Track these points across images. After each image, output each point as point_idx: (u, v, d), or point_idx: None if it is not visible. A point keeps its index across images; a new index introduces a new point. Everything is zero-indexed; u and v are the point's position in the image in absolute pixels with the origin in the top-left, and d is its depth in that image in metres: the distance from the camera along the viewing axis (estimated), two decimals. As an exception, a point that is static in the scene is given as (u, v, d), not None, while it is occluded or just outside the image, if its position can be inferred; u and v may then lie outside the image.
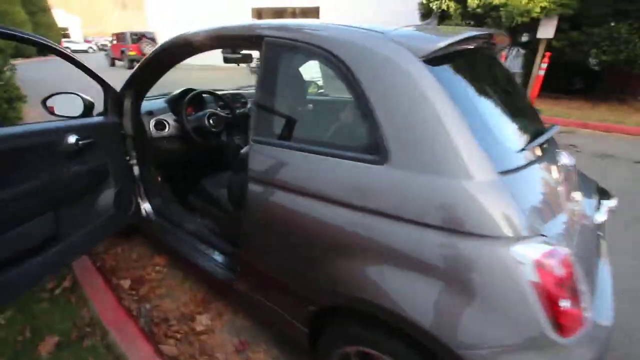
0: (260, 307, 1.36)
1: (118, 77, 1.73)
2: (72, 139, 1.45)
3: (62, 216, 1.43)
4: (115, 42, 15.27)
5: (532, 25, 6.36)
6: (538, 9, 5.91)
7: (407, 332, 0.90)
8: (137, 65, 1.70)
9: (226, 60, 2.00)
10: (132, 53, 14.18)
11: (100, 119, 1.68)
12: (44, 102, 1.61)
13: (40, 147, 1.34)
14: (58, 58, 1.56)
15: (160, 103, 2.11)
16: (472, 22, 7.15)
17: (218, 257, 1.66)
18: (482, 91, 1.08)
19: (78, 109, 1.66)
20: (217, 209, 1.76)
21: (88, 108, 1.67)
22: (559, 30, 6.31)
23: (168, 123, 2.02)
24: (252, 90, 2.74)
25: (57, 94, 1.64)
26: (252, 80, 1.69)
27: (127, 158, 1.85)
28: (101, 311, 1.59)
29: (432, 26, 1.30)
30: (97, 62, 16.19)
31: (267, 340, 1.58)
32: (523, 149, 0.99)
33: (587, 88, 7.57)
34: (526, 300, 0.79)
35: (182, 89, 2.17)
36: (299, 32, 1.09)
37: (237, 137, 2.19)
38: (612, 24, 6.40)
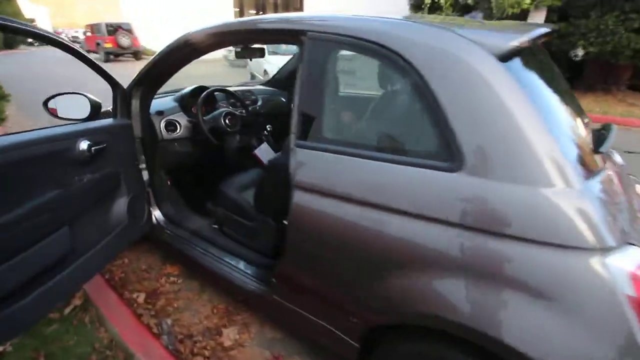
0: (300, 320, 1.28)
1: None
2: (83, 145, 1.31)
3: (75, 233, 1.29)
4: (89, 34, 14.51)
5: (522, 16, 6.41)
6: (528, 0, 5.94)
7: (490, 349, 0.85)
8: (149, 61, 1.56)
9: (238, 54, 1.87)
10: (109, 45, 13.53)
11: (110, 121, 1.53)
12: (45, 104, 1.45)
13: (51, 156, 1.20)
14: (26, 51, 1.41)
15: (168, 102, 1.96)
16: (462, 14, 7.15)
17: (245, 267, 1.56)
18: (548, 90, 1.02)
19: (84, 110, 1.51)
20: (241, 217, 1.66)
21: (95, 109, 1.51)
22: (547, 21, 6.39)
23: (179, 124, 1.88)
24: (259, 87, 2.61)
25: (60, 94, 1.48)
26: (235, 74, 1.56)
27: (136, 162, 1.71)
28: (121, 331, 1.46)
29: (479, 19, 1.23)
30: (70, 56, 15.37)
31: (300, 352, 1.51)
32: (597, 152, 0.95)
33: (571, 78, 7.74)
34: (622, 314, 0.75)
35: (193, 86, 2.02)
36: (351, 27, 1.00)
37: (252, 137, 2.07)
38: (593, 15, 6.55)
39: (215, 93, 2.03)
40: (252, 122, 2.05)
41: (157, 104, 1.81)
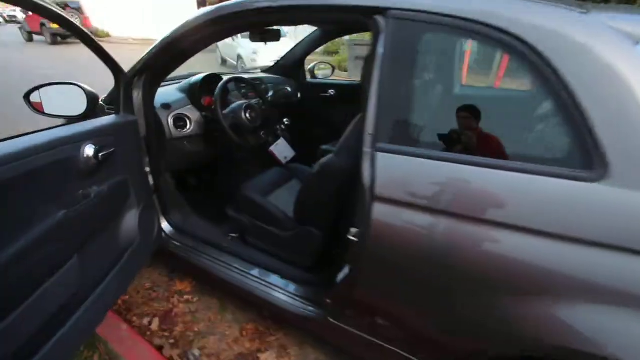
0: (366, 347, 1.12)
1: (44, 55, 1.25)
2: (89, 150, 1.03)
3: (85, 263, 1.02)
4: (31, 13, 12.89)
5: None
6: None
7: None
8: (157, 43, 1.27)
9: (253, 38, 1.62)
10: (55, 26, 12.02)
11: (113, 117, 1.24)
12: (27, 97, 1.14)
13: (51, 169, 0.92)
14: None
15: (174, 93, 1.66)
16: None
17: (283, 284, 1.36)
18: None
19: (78, 105, 1.21)
20: (272, 226, 1.44)
21: (93, 103, 1.22)
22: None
23: (189, 119, 1.60)
24: (262, 74, 2.34)
25: (46, 85, 1.17)
26: (203, 59, 1.35)
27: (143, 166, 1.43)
28: (143, 371, 1.22)
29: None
30: (9, 37, 13.71)
31: (349, 374, 1.36)
32: None
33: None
34: None
35: (203, 74, 1.72)
36: (453, 6, 0.81)
37: (269, 133, 1.82)
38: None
39: (229, 83, 1.74)
40: (269, 115, 1.81)
41: (161, 95, 1.52)
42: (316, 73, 2.51)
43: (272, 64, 2.49)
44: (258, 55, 7.33)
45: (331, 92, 2.32)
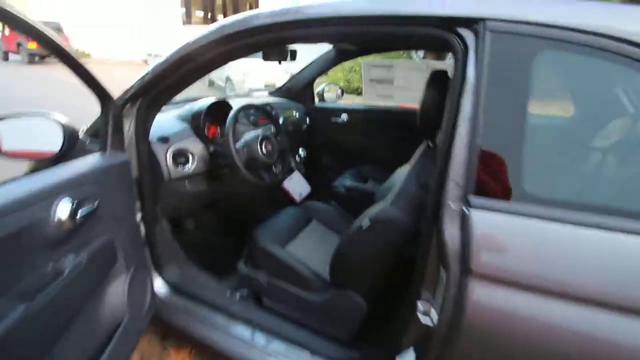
0: None
1: (21, 76, 0.97)
2: (64, 208, 0.74)
3: None
4: (7, 32, 12.46)
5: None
6: None
7: None
8: (161, 61, 1.00)
9: (266, 56, 1.38)
10: (33, 46, 11.69)
11: (98, 158, 0.94)
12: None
13: (5, 244, 0.62)
14: None
15: (173, 122, 1.37)
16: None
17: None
18: None
19: (49, 141, 0.92)
20: (299, 286, 1.16)
21: (70, 139, 0.94)
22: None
23: (192, 153, 1.32)
24: (266, 99, 2.09)
25: (5, 117, 0.88)
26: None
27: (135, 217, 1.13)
28: None
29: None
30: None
31: None
32: None
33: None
34: None
35: (209, 100, 1.44)
36: (582, 19, 0.59)
37: (283, 166, 1.55)
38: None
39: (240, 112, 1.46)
40: (283, 146, 1.54)
41: (157, 125, 1.24)
42: (326, 97, 2.29)
43: (262, 86, 2.26)
44: (248, 77, 7.12)
45: (344, 117, 2.10)
